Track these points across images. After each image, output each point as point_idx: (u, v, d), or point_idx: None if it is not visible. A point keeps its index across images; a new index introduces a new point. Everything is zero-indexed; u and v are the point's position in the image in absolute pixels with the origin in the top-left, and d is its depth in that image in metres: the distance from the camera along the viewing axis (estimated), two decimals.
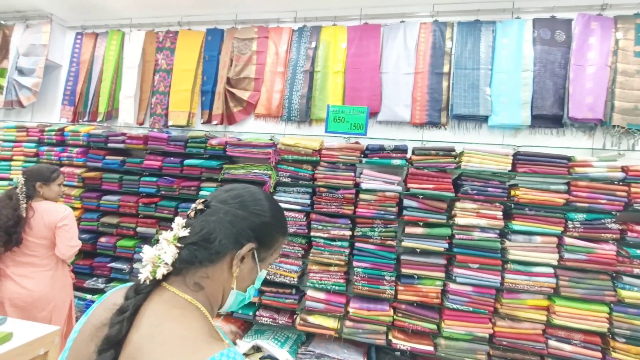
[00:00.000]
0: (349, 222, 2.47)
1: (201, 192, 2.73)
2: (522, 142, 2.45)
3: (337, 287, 2.46)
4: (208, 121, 3.00)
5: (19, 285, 1.90)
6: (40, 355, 1.46)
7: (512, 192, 2.24)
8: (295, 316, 2.55)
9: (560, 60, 2.32)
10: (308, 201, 2.53)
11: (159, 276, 0.55)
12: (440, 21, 2.56)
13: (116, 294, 0.60)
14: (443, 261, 2.35)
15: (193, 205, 0.64)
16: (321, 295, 2.45)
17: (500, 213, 2.25)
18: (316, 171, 2.50)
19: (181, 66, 3.06)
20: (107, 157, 2.97)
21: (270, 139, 2.66)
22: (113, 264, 2.91)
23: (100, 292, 2.93)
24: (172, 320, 0.51)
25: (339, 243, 2.46)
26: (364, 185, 2.40)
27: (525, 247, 2.21)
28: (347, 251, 2.45)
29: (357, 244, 2.44)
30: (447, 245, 2.32)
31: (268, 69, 2.85)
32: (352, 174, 2.45)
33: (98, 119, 3.25)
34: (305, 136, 2.73)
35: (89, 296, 2.92)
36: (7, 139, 3.30)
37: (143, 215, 2.87)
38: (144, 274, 0.56)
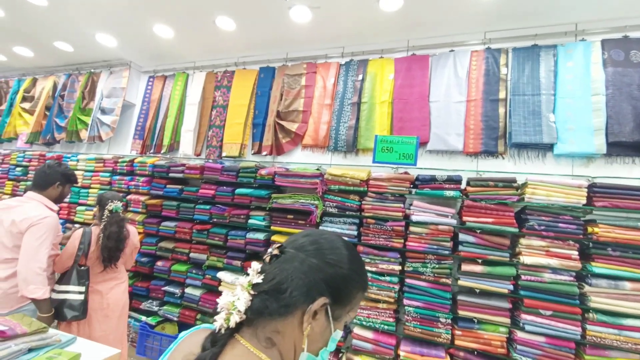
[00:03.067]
0: (399, 255, 2.35)
1: (250, 221, 2.81)
2: (596, 172, 2.19)
3: (386, 326, 2.31)
4: (258, 152, 3.14)
5: (108, 297, 2.12)
6: None
7: (590, 229, 1.97)
8: (340, 355, 2.42)
9: (638, 82, 2.09)
10: (355, 232, 2.48)
11: (232, 324, 0.53)
12: (493, 48, 2.48)
13: (193, 338, 0.59)
14: (508, 305, 2.11)
15: (269, 250, 0.60)
16: (369, 334, 2.31)
17: (576, 253, 1.98)
18: (363, 202, 2.45)
19: (236, 102, 3.30)
20: (167, 186, 3.22)
21: (317, 169, 2.69)
22: (167, 288, 3.05)
23: (154, 314, 3.07)
24: None
25: (387, 278, 2.34)
26: (414, 218, 2.29)
27: (611, 295, 1.90)
28: (396, 287, 2.32)
29: (408, 280, 2.30)
30: (511, 287, 2.08)
31: (316, 101, 2.96)
32: (402, 205, 2.36)
33: (162, 151, 3.58)
34: (352, 166, 2.73)
35: (143, 318, 3.07)
36: (87, 169, 3.76)
37: (196, 241, 3.01)
38: (219, 322, 0.55)
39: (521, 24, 2.38)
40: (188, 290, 2.97)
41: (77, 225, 3.06)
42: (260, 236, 2.75)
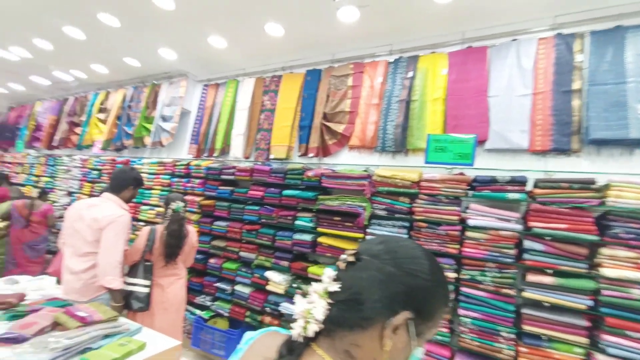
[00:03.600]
0: (454, 262, 2.19)
1: (297, 222, 2.84)
2: None
3: (439, 337, 2.17)
4: (305, 154, 3.17)
5: (168, 292, 2.28)
6: None
7: None
8: None
9: None
10: (405, 236, 2.37)
11: (310, 333, 0.51)
12: (565, 33, 2.22)
13: (266, 342, 0.58)
14: (584, 322, 1.85)
15: (343, 256, 0.56)
16: None
17: None
18: (414, 204, 2.34)
19: (283, 105, 3.37)
20: (220, 187, 3.39)
21: (365, 170, 2.63)
22: (219, 284, 3.20)
23: (207, 309, 3.23)
24: None
25: None
26: (471, 222, 2.13)
27: None
28: (451, 296, 2.16)
29: (464, 289, 2.13)
30: (590, 303, 1.83)
31: (363, 101, 2.90)
32: (457, 209, 2.20)
33: (215, 154, 3.78)
34: (401, 167, 2.62)
35: (198, 311, 3.25)
36: (150, 172, 4.11)
37: (246, 240, 3.12)
38: (297, 330, 0.53)
39: (600, 4, 2.09)
40: (238, 287, 3.08)
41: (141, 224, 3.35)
42: (307, 237, 2.76)
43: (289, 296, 2.77)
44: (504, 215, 2.07)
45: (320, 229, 2.72)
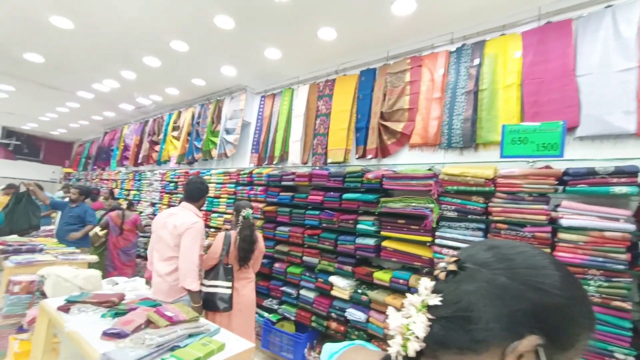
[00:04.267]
0: None
1: (358, 226, 2.77)
2: None
3: None
4: (363, 156, 3.11)
5: (241, 294, 2.40)
6: None
7: None
8: None
9: None
10: (481, 239, 2.14)
11: (411, 353, 0.44)
12: None
13: (353, 357, 0.54)
14: None
15: (442, 265, 0.49)
16: None
17: None
18: (491, 203, 2.11)
19: (338, 108, 3.36)
20: (281, 194, 3.50)
21: (429, 169, 2.46)
22: (284, 288, 3.28)
23: (275, 312, 3.33)
24: None
25: None
26: (565, 222, 1.84)
27: None
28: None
29: None
30: None
31: (423, 97, 2.74)
32: (545, 207, 1.92)
33: (274, 162, 3.92)
34: (472, 164, 2.40)
35: (265, 314, 3.37)
36: (217, 181, 4.42)
37: (308, 245, 3.15)
38: (394, 348, 0.46)
39: None
40: (302, 292, 3.12)
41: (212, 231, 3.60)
42: (370, 242, 2.68)
43: (354, 302, 2.71)
44: (610, 213, 1.74)
45: (384, 233, 2.62)
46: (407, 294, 0.49)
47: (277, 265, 3.40)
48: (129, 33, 3.29)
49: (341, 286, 2.76)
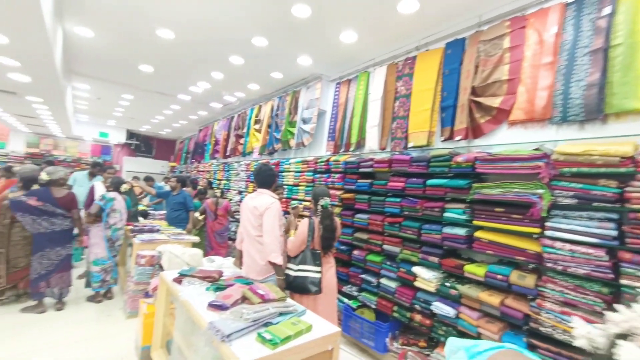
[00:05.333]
0: None
1: (446, 214, 2.54)
2: None
3: None
4: (449, 137, 2.82)
5: (325, 279, 2.47)
6: (328, 350, 1.70)
7: None
8: None
9: None
10: (613, 232, 1.73)
11: None
12: None
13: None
14: None
15: None
16: None
17: None
18: (628, 188, 1.68)
19: (420, 87, 3.10)
20: (358, 180, 3.43)
21: (536, 149, 2.09)
22: (364, 276, 3.24)
23: (354, 298, 3.33)
24: None
25: None
26: None
27: None
28: None
29: None
30: None
31: (527, 64, 2.32)
32: None
33: (351, 149, 3.87)
34: (597, 140, 1.94)
35: (345, 300, 3.39)
36: (296, 170, 4.59)
37: (388, 233, 3.04)
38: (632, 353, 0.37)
39: None
40: (383, 280, 3.03)
41: (294, 204, 3.76)
42: (461, 231, 2.43)
43: (441, 295, 2.51)
44: None
45: (476, 222, 2.34)
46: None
47: (356, 252, 3.37)
48: (217, 36, 3.58)
49: (426, 278, 2.59)
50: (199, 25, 3.38)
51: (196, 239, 3.96)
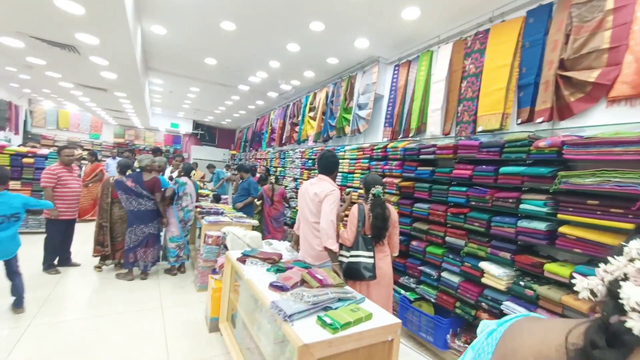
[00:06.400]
0: None
1: (522, 206, 2.27)
2: None
3: None
4: (528, 120, 2.49)
5: (379, 268, 2.42)
6: (388, 341, 1.66)
7: None
8: None
9: None
10: None
11: None
12: None
13: (532, 326, 0.46)
14: None
15: None
16: None
17: None
18: None
19: (493, 64, 2.78)
20: (418, 168, 3.25)
21: None
22: (422, 268, 3.10)
23: (412, 290, 3.21)
24: None
25: None
26: None
27: None
28: None
29: None
30: None
31: (638, 27, 1.91)
32: None
33: (410, 135, 3.67)
34: None
35: (402, 291, 3.29)
36: (351, 157, 4.53)
37: (451, 225, 2.84)
38: (636, 323, 0.34)
39: None
40: (444, 274, 2.86)
41: (348, 190, 3.73)
42: (540, 226, 2.15)
43: (514, 295, 2.28)
44: None
45: (561, 216, 2.05)
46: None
47: (414, 243, 3.23)
48: (276, 23, 3.62)
49: (495, 274, 2.36)
50: (259, 14, 3.44)
51: (256, 222, 4.18)
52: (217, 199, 5.63)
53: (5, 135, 8.45)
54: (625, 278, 0.38)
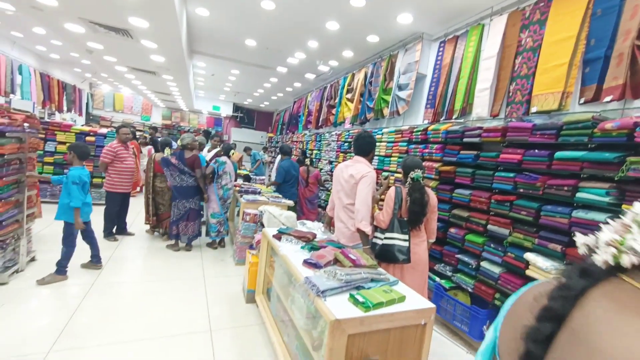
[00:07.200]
0: None
1: (579, 194, 2.06)
2: None
3: None
4: (595, 99, 2.22)
5: (414, 253, 2.38)
6: (421, 325, 1.63)
7: None
8: None
9: None
10: None
11: (626, 264, 0.42)
12: None
13: (538, 286, 0.52)
14: None
15: None
16: None
17: None
18: None
19: (555, 37, 2.49)
20: (461, 152, 3.07)
21: None
22: (460, 256, 2.98)
23: (447, 278, 3.12)
24: (635, 314, 0.38)
25: None
26: None
27: None
28: None
29: None
30: None
31: None
32: None
33: (454, 117, 3.46)
34: None
35: (437, 278, 3.21)
36: (389, 140, 4.39)
37: (495, 212, 2.67)
38: (602, 256, 0.44)
39: None
40: (484, 264, 2.73)
41: (385, 174, 3.66)
42: (599, 217, 1.95)
43: None
44: None
45: (627, 207, 1.82)
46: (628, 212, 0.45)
47: (452, 230, 3.10)
48: (315, 0, 3.53)
49: (543, 267, 2.20)
50: None
51: (291, 202, 4.27)
52: (247, 179, 5.83)
53: (72, 117, 9.38)
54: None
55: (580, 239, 0.49)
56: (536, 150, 2.37)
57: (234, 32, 4.85)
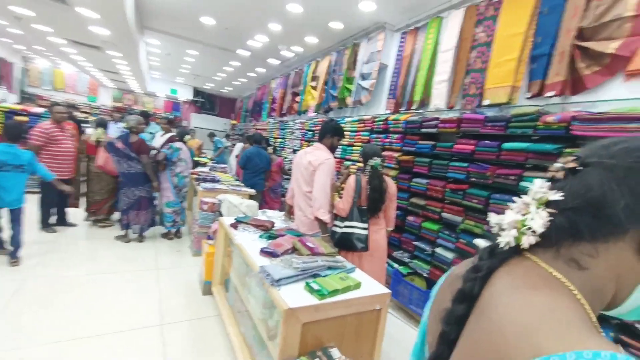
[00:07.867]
0: None
1: (523, 183, 2.21)
2: None
3: None
4: (539, 93, 2.36)
5: (373, 240, 2.41)
6: (376, 310, 1.66)
7: None
8: None
9: None
10: None
11: (525, 245, 0.44)
12: None
13: (462, 265, 0.56)
14: None
15: (557, 165, 0.46)
16: None
17: None
18: None
19: (506, 32, 2.60)
20: (419, 142, 3.16)
21: None
22: (417, 243, 3.10)
23: (405, 264, 3.23)
24: (533, 288, 0.41)
25: None
26: None
27: None
28: None
29: None
30: None
31: None
32: None
33: (413, 107, 3.54)
34: None
35: (395, 265, 3.32)
36: (352, 129, 4.41)
37: (449, 201, 2.80)
38: (505, 239, 0.45)
39: None
40: (439, 250, 2.86)
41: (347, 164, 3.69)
42: None
43: None
44: None
45: None
46: (522, 195, 0.48)
47: (410, 218, 3.21)
48: None
49: None
50: None
51: (252, 191, 4.14)
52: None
53: (2, 95, 8.25)
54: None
55: (493, 219, 0.50)
56: (487, 141, 2.49)
57: (188, 8, 4.51)
